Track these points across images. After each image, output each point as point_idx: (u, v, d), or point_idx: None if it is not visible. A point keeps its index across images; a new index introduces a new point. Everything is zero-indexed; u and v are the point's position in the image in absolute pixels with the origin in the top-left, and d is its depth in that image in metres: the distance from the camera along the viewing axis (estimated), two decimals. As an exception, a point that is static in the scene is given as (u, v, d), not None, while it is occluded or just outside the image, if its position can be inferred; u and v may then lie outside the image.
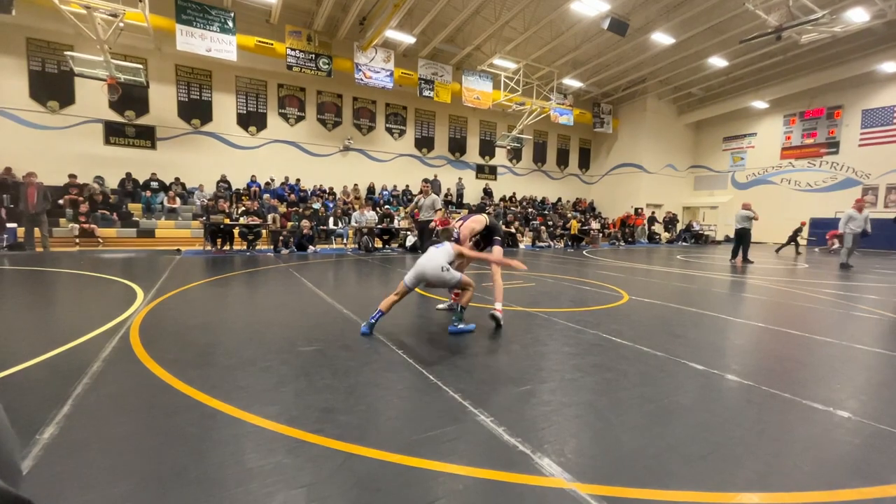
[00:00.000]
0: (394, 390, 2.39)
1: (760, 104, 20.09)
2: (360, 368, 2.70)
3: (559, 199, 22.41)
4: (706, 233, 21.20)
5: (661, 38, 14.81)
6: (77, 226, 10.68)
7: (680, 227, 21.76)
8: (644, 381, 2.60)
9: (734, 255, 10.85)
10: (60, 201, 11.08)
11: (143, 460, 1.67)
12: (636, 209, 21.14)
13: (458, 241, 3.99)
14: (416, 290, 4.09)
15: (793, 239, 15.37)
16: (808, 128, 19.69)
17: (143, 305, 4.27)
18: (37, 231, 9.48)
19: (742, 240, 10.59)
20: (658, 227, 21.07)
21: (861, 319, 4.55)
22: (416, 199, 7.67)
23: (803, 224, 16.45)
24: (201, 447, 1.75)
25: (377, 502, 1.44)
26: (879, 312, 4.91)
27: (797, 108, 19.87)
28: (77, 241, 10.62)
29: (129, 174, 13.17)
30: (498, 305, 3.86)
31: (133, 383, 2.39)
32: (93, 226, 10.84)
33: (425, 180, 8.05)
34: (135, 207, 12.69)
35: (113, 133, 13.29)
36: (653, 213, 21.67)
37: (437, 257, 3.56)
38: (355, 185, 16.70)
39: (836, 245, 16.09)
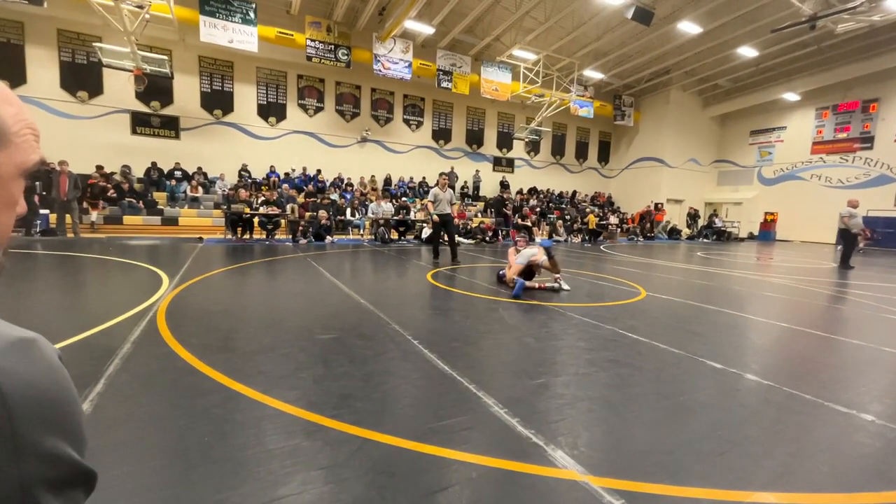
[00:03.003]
0: (409, 379, 2.43)
1: (791, 96, 19.30)
2: (377, 357, 2.75)
3: (574, 192, 22.05)
4: (729, 229, 20.64)
5: (688, 28, 14.33)
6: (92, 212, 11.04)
7: (701, 223, 21.24)
8: (660, 377, 2.58)
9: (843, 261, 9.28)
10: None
11: (171, 438, 1.75)
12: (656, 204, 20.71)
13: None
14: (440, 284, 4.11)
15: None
16: (841, 121, 18.87)
17: (168, 291, 4.42)
18: (68, 217, 9.86)
19: (844, 242, 9.43)
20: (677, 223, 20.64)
21: (893, 322, 4.39)
22: (433, 192, 7.72)
23: None
24: (224, 428, 1.83)
25: (392, 486, 1.49)
26: (910, 315, 4.73)
27: (830, 101, 19.04)
28: (93, 226, 11.02)
29: (154, 163, 13.54)
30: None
31: (160, 365, 2.49)
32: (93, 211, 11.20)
33: (443, 174, 8.24)
34: (159, 196, 13.05)
35: (139, 123, 13.67)
36: (690, 210, 21.15)
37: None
38: (372, 176, 16.80)
39: (863, 244, 15.45)
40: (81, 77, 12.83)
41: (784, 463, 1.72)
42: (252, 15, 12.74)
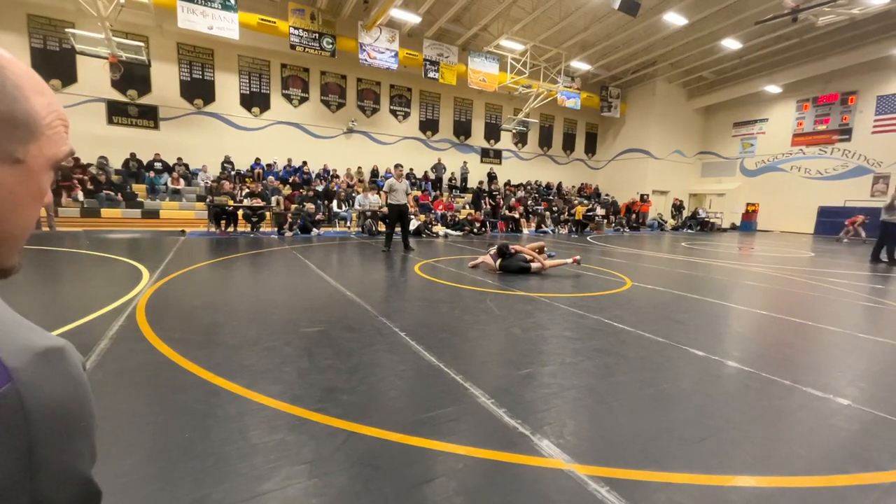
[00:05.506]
0: (395, 371, 2.42)
1: (773, 89, 19.60)
2: (363, 350, 2.73)
3: (559, 184, 22.11)
4: (712, 220, 21.02)
5: (674, 19, 14.37)
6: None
7: (686, 214, 21.58)
8: (644, 365, 2.62)
9: (874, 255, 8.69)
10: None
11: (151, 435, 1.71)
12: (642, 195, 20.94)
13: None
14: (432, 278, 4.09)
15: None
16: (820, 114, 19.25)
17: (148, 285, 4.31)
18: (43, 210, 9.52)
19: (885, 235, 8.41)
20: (664, 214, 21.01)
21: (867, 309, 4.53)
22: (389, 183, 8.05)
23: None
24: (206, 423, 1.79)
25: (378, 479, 1.47)
26: (885, 302, 4.88)
27: (811, 94, 19.39)
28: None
29: (132, 154, 13.14)
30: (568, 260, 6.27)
31: (139, 361, 2.43)
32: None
33: (398, 165, 8.55)
34: (139, 188, 12.70)
35: (116, 113, 13.21)
36: (675, 201, 21.48)
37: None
38: (359, 167, 16.60)
39: (855, 233, 15.85)
40: (54, 64, 12.31)
41: (764, 447, 1.76)
42: (232, 1, 12.35)
